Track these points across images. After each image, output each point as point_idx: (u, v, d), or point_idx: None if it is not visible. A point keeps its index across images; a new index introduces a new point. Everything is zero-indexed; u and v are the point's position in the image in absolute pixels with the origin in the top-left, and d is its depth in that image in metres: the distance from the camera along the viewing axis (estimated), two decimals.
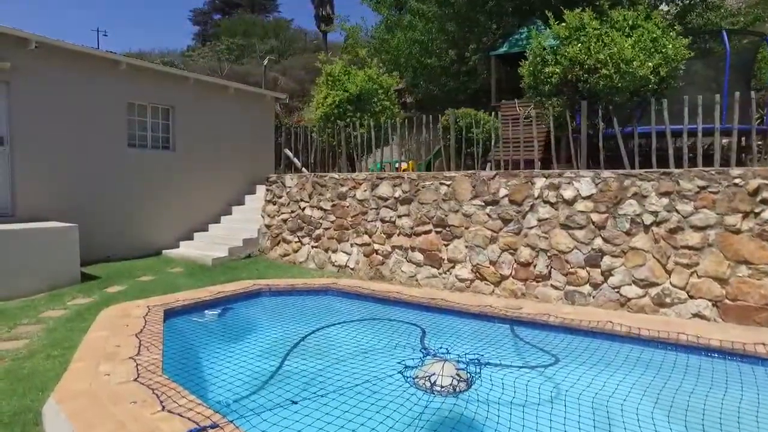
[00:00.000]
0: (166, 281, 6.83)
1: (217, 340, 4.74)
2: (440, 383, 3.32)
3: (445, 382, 3.32)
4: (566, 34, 5.94)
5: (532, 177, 6.10)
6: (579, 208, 5.75)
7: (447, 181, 6.65)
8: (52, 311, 5.42)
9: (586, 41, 5.76)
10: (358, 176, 7.48)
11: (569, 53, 5.81)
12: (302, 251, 8.08)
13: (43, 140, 7.13)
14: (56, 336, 4.57)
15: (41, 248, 6.15)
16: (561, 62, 5.91)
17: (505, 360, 4.14)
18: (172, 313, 5.25)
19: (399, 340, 4.74)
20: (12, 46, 6.70)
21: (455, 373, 3.48)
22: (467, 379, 3.52)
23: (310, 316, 5.68)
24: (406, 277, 6.93)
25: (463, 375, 3.53)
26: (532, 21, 11.51)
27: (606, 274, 5.58)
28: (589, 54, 5.75)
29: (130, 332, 4.34)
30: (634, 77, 5.57)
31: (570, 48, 5.81)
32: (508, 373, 3.87)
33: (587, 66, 5.75)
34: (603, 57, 5.63)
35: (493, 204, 6.31)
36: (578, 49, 5.76)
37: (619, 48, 5.52)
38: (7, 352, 4.14)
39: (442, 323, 5.34)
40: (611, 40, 5.63)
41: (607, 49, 5.61)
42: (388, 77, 8.60)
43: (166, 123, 8.92)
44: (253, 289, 6.33)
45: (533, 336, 4.89)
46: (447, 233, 6.62)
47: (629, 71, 5.53)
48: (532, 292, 6.03)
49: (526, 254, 6.06)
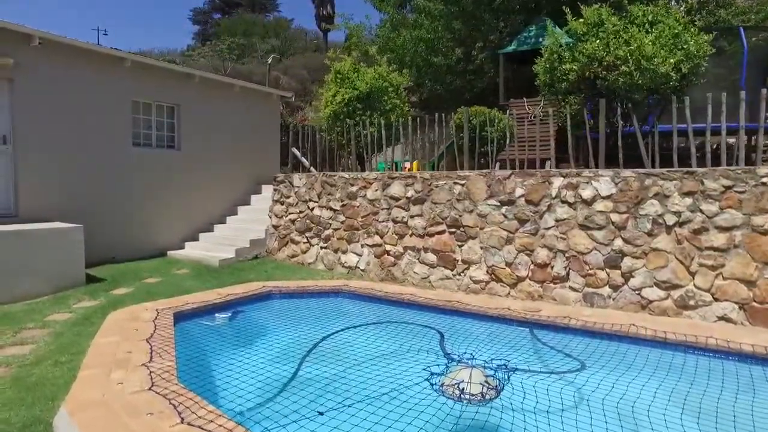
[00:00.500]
0: (173, 283, 6.68)
1: (229, 344, 4.59)
2: (470, 391, 3.17)
3: (475, 390, 3.18)
4: (584, 30, 5.80)
5: (549, 176, 5.95)
6: (598, 208, 5.61)
7: (461, 180, 6.50)
8: (58, 314, 5.26)
9: (605, 37, 5.62)
10: (369, 176, 7.33)
11: (587, 50, 5.67)
12: (311, 252, 7.93)
13: (46, 139, 6.97)
14: (63, 341, 4.41)
15: (45, 249, 5.99)
16: (579, 59, 5.77)
17: (532, 365, 4.00)
18: (181, 316, 5.09)
19: (418, 345, 4.59)
20: (15, 42, 6.54)
21: (484, 379, 3.33)
22: (496, 386, 3.37)
23: (323, 319, 5.53)
24: (418, 279, 6.78)
25: (492, 382, 3.38)
26: (540, 19, 11.39)
27: (626, 275, 5.44)
28: (608, 50, 5.61)
29: (141, 337, 4.18)
30: (654, 74, 5.43)
31: (588, 44, 5.67)
32: (535, 379, 3.73)
33: (606, 63, 5.61)
34: (622, 53, 5.49)
35: (509, 204, 6.16)
36: (597, 45, 5.62)
37: (639, 44, 5.38)
38: (14, 358, 3.98)
39: (459, 326, 5.19)
40: (631, 36, 5.49)
41: (627, 46, 5.47)
42: (397, 75, 8.46)
43: (171, 122, 8.76)
44: (263, 291, 6.18)
45: (555, 339, 4.75)
46: (461, 234, 6.48)
47: (650, 68, 5.39)
48: (550, 294, 5.89)
49: (543, 255, 5.92)
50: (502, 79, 11.12)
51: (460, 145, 7.38)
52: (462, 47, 13.21)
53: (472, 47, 13.21)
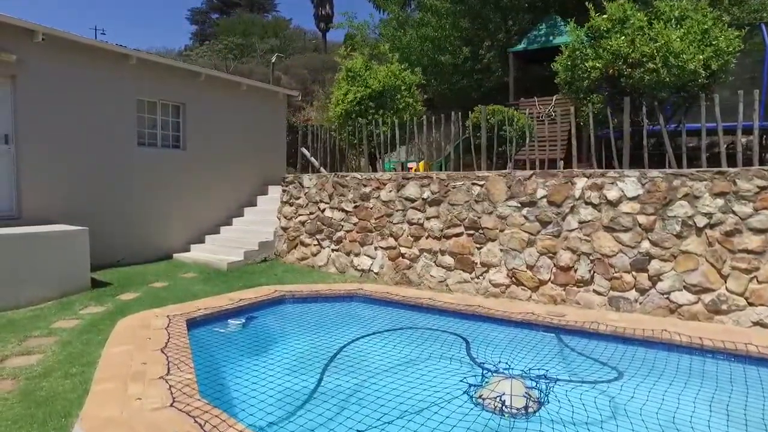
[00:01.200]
0: (182, 288, 6.46)
1: (247, 353, 4.38)
2: (512, 404, 2.98)
3: (518, 403, 2.99)
4: (608, 27, 5.63)
5: (572, 177, 5.77)
6: (624, 210, 5.43)
7: (480, 181, 6.32)
8: (64, 321, 5.03)
9: (630, 34, 5.44)
10: (383, 176, 7.13)
11: (612, 46, 5.49)
12: (322, 255, 7.72)
13: (49, 138, 6.73)
14: (72, 350, 4.19)
15: (50, 253, 5.77)
16: (603, 56, 5.59)
17: (568, 374, 3.81)
18: (194, 323, 4.89)
19: (444, 352, 4.40)
20: (18, 37, 6.31)
21: (525, 391, 3.14)
22: (537, 398, 3.18)
23: (340, 324, 5.33)
24: (435, 282, 6.58)
25: (533, 394, 3.19)
26: (550, 17, 11.24)
27: (654, 279, 5.26)
28: (633, 47, 5.43)
29: (155, 346, 3.97)
30: (683, 71, 5.26)
31: (613, 41, 5.49)
32: (573, 389, 3.54)
33: (631, 60, 5.44)
34: (648, 50, 5.32)
35: (530, 205, 5.98)
36: (621, 42, 5.44)
37: (666, 40, 5.21)
38: (21, 370, 3.76)
39: (483, 332, 5.00)
40: (658, 33, 5.31)
41: (653, 42, 5.30)
42: (410, 73, 8.27)
43: (176, 121, 8.54)
44: (276, 295, 5.97)
45: (583, 346, 4.56)
46: (480, 236, 6.29)
47: (678, 65, 5.22)
48: (573, 297, 5.71)
49: (566, 258, 5.74)
50: (512, 78, 10.95)
51: (467, 146, 7.21)
52: (469, 46, 13.02)
53: (480, 46, 13.03)
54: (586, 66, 5.90)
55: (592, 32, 5.77)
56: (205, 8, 45.10)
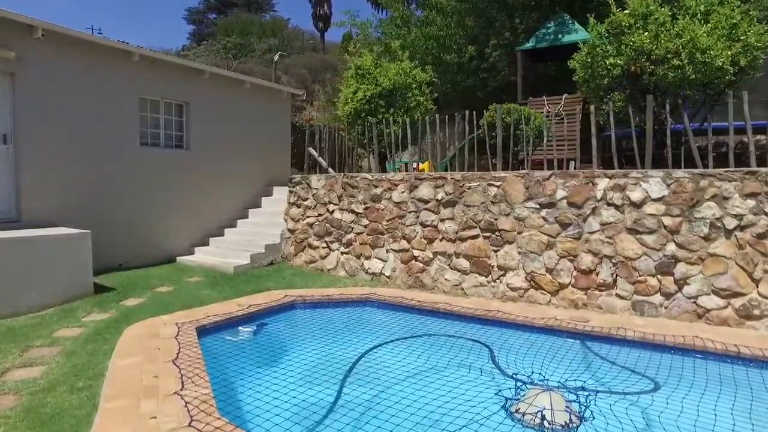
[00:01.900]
0: (188, 293, 6.23)
1: (261, 364, 4.16)
2: (554, 419, 2.78)
3: (561, 418, 2.79)
4: (630, 22, 5.45)
5: (593, 177, 5.59)
6: (648, 211, 5.25)
7: (496, 181, 6.12)
8: (67, 329, 4.80)
9: (653, 29, 5.26)
10: (395, 177, 6.92)
11: (635, 42, 5.31)
12: (331, 258, 7.51)
13: (49, 138, 6.49)
14: (77, 361, 3.96)
15: (51, 257, 5.53)
16: (625, 53, 5.40)
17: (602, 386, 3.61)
18: (203, 330, 4.67)
19: (469, 361, 4.20)
20: (17, 33, 6.07)
21: (566, 405, 2.94)
22: (577, 412, 2.99)
23: (356, 331, 5.12)
24: (450, 286, 6.39)
25: (574, 407, 3.00)
26: (559, 15, 11.08)
27: (680, 282, 5.08)
28: (657, 43, 5.26)
29: (165, 357, 3.75)
30: (710, 68, 5.08)
31: (635, 37, 5.31)
32: (612, 401, 3.35)
33: (655, 56, 5.26)
34: (673, 46, 5.14)
35: (550, 206, 5.79)
36: (644, 38, 5.26)
37: (693, 36, 5.03)
38: (23, 384, 3.53)
39: (506, 339, 4.80)
40: (683, 28, 5.14)
41: (678, 38, 5.12)
42: (420, 71, 8.06)
43: (179, 120, 8.31)
44: (286, 301, 5.76)
45: (613, 353, 4.37)
46: (497, 238, 6.09)
47: (705, 61, 5.04)
48: (595, 302, 5.52)
49: (587, 261, 5.55)
50: (520, 77, 10.78)
51: (472, 146, 7.04)
52: (474, 45, 12.85)
53: (485, 45, 12.85)
54: (605, 63, 5.72)
55: (612, 28, 5.59)
56: (202, 8, 44.80)
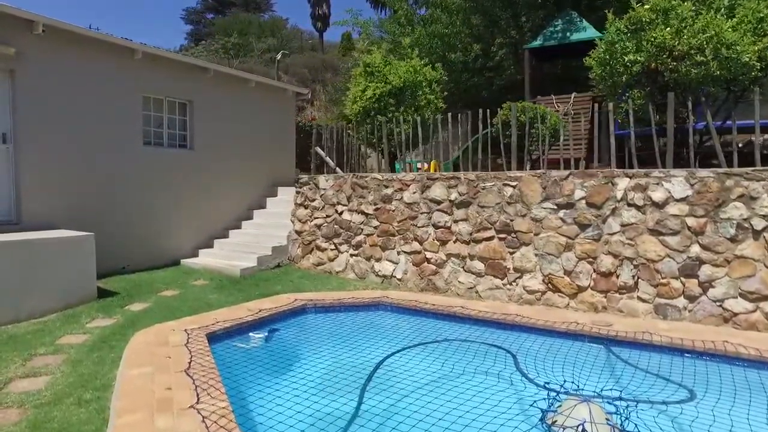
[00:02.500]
0: (194, 297, 6.05)
1: (276, 372, 3.98)
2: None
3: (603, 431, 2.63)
4: (650, 18, 5.30)
5: (612, 177, 5.43)
6: (671, 212, 5.10)
7: (512, 182, 5.96)
8: (71, 336, 4.61)
9: (675, 24, 5.12)
10: (406, 177, 6.75)
11: (656, 38, 5.16)
12: (339, 260, 7.33)
13: (50, 137, 6.29)
14: (83, 371, 3.77)
15: (53, 261, 5.33)
16: (647, 49, 5.25)
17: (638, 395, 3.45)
18: (214, 337, 4.48)
19: (493, 369, 4.03)
20: (17, 29, 5.87)
21: (606, 417, 2.78)
22: (618, 424, 2.82)
23: (371, 336, 4.94)
24: (464, 289, 6.22)
25: (614, 419, 2.83)
26: (566, 12, 10.94)
27: (705, 285, 4.93)
28: (679, 39, 5.11)
29: (177, 367, 3.57)
30: (736, 64, 4.94)
31: (657, 32, 5.16)
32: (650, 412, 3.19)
33: (677, 52, 5.11)
34: (697, 42, 4.99)
35: (568, 207, 5.63)
36: (667, 33, 5.11)
37: (718, 31, 4.89)
38: (28, 396, 3.34)
39: (527, 344, 4.63)
40: (708, 23, 4.99)
41: (702, 33, 4.97)
42: (431, 69, 7.90)
43: (183, 119, 8.12)
44: (297, 305, 5.58)
45: (639, 359, 4.22)
46: (512, 240, 5.93)
47: (730, 57, 4.90)
48: (615, 305, 5.37)
49: (607, 263, 5.39)
50: (528, 76, 10.64)
51: (476, 146, 6.89)
52: (480, 43, 12.69)
53: (491, 43, 12.70)
54: (624, 60, 5.57)
55: (631, 24, 5.44)
56: (200, 8, 44.53)
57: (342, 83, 17.17)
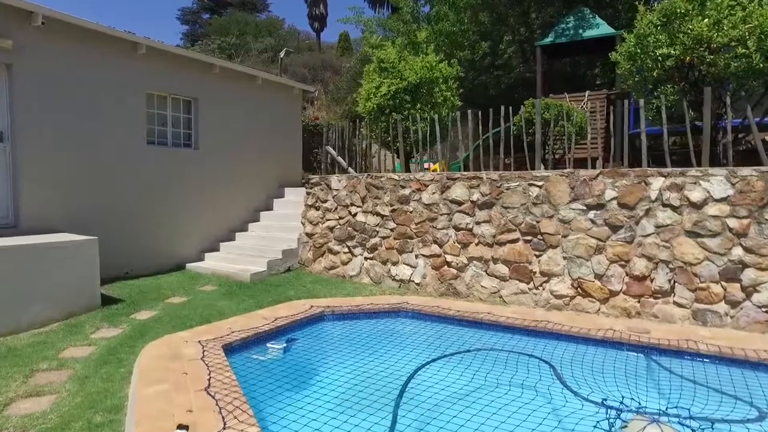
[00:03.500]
0: (203, 303, 5.73)
1: (302, 389, 3.68)
2: None
3: None
4: (686, 8, 5.05)
5: (646, 176, 5.18)
6: (711, 213, 4.85)
7: (538, 181, 5.69)
8: (75, 348, 4.29)
9: (714, 15, 4.87)
10: (424, 177, 6.47)
11: (692, 30, 4.91)
12: (353, 263, 7.03)
13: (50, 135, 5.95)
14: (91, 389, 3.45)
15: (54, 267, 5.00)
16: (683, 41, 5.00)
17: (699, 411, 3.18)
18: (230, 349, 4.18)
19: (531, 381, 3.75)
20: (15, 20, 5.53)
21: None
22: None
23: (397, 346, 4.65)
24: (487, 294, 5.94)
25: None
26: (579, 9, 10.71)
27: (749, 290, 4.68)
28: (718, 30, 4.87)
29: (197, 385, 3.26)
30: None
31: (694, 23, 4.91)
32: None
33: (715, 45, 4.87)
34: (738, 33, 4.75)
35: (598, 208, 5.37)
36: (704, 24, 4.87)
37: (762, 21, 4.65)
38: (31, 420, 3.02)
39: (563, 353, 4.36)
40: (750, 12, 4.75)
41: (744, 24, 4.74)
42: (446, 65, 7.61)
43: (187, 117, 7.79)
44: (314, 312, 5.28)
45: (685, 369, 3.96)
46: (539, 242, 5.66)
47: None
48: (649, 310, 5.11)
49: (641, 266, 5.14)
50: (540, 74, 10.39)
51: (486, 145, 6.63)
52: (488, 41, 12.45)
53: (499, 41, 12.45)
54: (656, 54, 5.32)
55: (663, 16, 5.19)
56: (195, 8, 44.08)
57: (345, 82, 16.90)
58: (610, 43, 10.34)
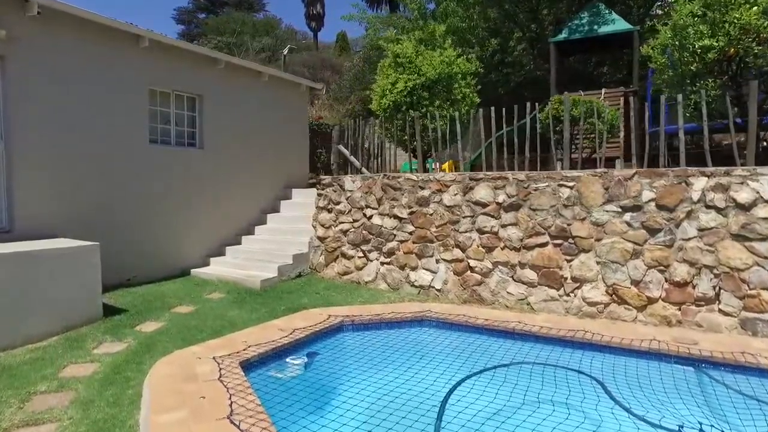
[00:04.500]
0: (213, 313, 5.35)
1: (329, 411, 3.32)
2: None
3: None
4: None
5: (686, 176, 4.86)
6: (760, 215, 4.54)
7: (568, 182, 5.37)
8: (77, 366, 3.91)
9: (764, 2, 4.57)
10: (445, 177, 6.13)
11: (741, 19, 4.60)
12: (369, 268, 6.67)
13: (46, 134, 5.56)
14: (97, 415, 3.08)
15: (53, 275, 4.61)
16: (729, 32, 4.69)
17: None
18: (248, 366, 3.82)
19: (577, 399, 3.42)
20: (8, 9, 5.15)
21: None
22: None
23: (426, 359, 4.30)
24: (513, 300, 5.61)
25: None
26: (593, 5, 10.42)
27: None
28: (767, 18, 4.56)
29: (217, 412, 2.89)
30: None
31: (742, 12, 4.61)
32: None
33: (764, 35, 4.56)
34: None
35: (634, 210, 5.05)
36: (753, 13, 4.56)
37: None
38: None
39: (602, 365, 4.04)
40: None
41: None
42: (465, 61, 7.28)
43: (192, 115, 7.41)
44: (333, 323, 4.92)
45: (742, 384, 3.64)
46: (570, 246, 5.33)
47: None
48: (692, 318, 4.79)
49: (682, 272, 4.82)
50: (553, 71, 10.08)
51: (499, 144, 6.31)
52: (497, 38, 12.13)
53: (509, 38, 12.14)
54: (696, 46, 5.01)
55: (705, 5, 4.88)
56: (191, 8, 43.61)
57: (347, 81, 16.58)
58: (625, 40, 10.06)
